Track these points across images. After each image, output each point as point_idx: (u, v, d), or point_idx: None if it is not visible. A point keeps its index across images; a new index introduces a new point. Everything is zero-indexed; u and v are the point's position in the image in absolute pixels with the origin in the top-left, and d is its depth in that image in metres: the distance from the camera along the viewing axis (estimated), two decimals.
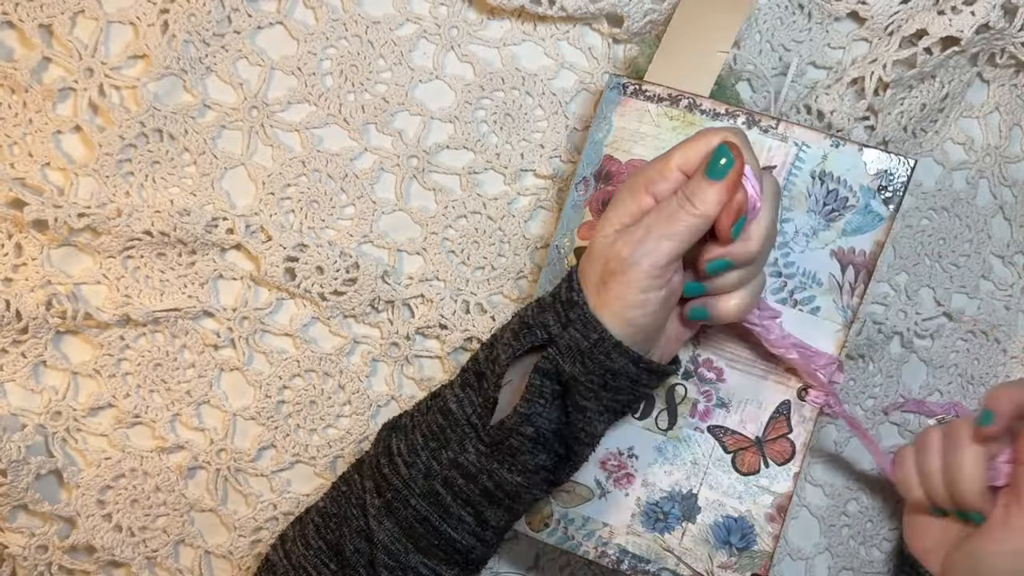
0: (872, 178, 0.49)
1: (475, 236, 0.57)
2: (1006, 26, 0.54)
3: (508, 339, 0.45)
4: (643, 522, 0.51)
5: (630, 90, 0.51)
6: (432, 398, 0.48)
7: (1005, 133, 0.60)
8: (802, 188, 0.49)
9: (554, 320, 0.44)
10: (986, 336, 0.62)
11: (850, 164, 0.49)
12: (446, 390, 0.47)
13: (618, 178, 0.51)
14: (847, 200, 0.49)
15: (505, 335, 0.46)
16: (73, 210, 0.52)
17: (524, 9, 0.54)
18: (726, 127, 0.45)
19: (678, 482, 0.51)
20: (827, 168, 0.49)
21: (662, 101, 0.51)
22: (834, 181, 0.49)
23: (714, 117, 0.50)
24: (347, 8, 0.54)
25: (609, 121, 0.52)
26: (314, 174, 0.55)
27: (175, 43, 0.52)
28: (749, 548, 0.50)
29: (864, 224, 0.49)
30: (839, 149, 0.49)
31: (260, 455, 0.57)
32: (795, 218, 0.50)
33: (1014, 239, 0.61)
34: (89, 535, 0.55)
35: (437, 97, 0.56)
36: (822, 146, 0.49)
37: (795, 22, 0.57)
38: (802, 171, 0.49)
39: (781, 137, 0.49)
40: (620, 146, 0.52)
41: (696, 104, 0.50)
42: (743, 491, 0.51)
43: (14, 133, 0.52)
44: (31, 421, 0.54)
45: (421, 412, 0.47)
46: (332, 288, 0.55)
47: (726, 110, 0.50)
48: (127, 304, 0.54)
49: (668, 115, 0.51)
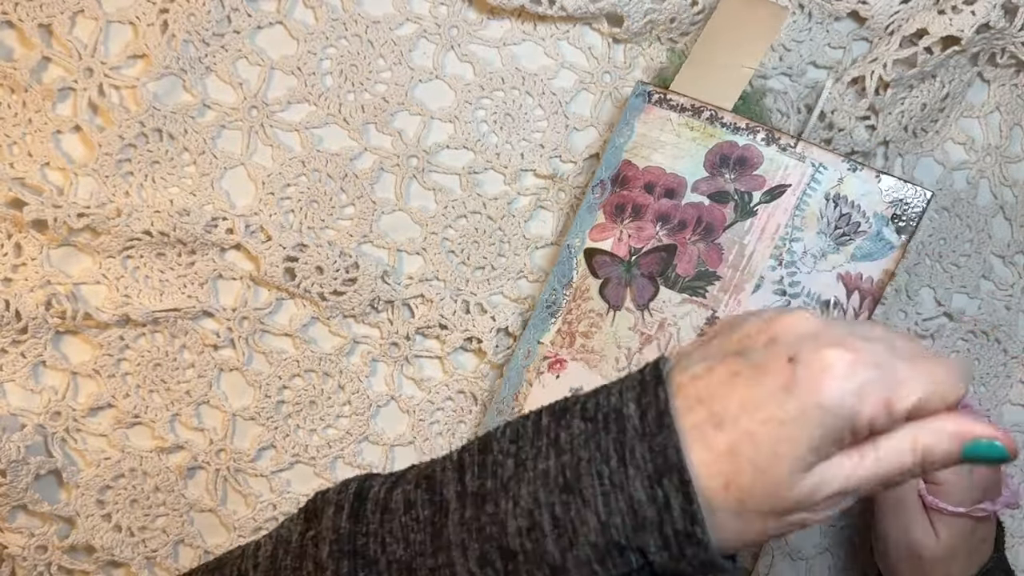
0: (887, 206, 0.48)
1: (475, 236, 0.57)
2: (1006, 26, 0.54)
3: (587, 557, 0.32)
4: None
5: (655, 98, 0.52)
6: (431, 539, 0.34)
7: (1006, 133, 0.60)
8: (815, 209, 0.49)
9: (657, 548, 0.32)
10: (986, 336, 0.62)
11: (866, 190, 0.49)
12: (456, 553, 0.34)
13: (634, 183, 0.52)
14: (859, 225, 0.49)
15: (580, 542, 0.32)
16: (73, 210, 0.52)
17: (524, 9, 0.54)
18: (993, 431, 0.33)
19: None
20: (842, 191, 0.49)
21: (684, 111, 0.51)
22: (848, 205, 0.49)
23: (734, 131, 0.50)
24: (347, 8, 0.54)
25: (632, 127, 0.52)
26: (314, 174, 0.55)
27: (175, 43, 0.52)
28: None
29: (874, 251, 0.49)
30: (856, 174, 0.49)
31: (260, 455, 0.57)
32: (805, 238, 0.49)
33: (1014, 239, 0.61)
34: (89, 535, 0.55)
35: (437, 97, 0.56)
36: (839, 169, 0.49)
37: (795, 22, 0.57)
38: (817, 192, 0.49)
39: (799, 156, 0.49)
40: (639, 152, 0.52)
41: (717, 117, 0.50)
42: None
43: (14, 133, 0.52)
44: (31, 421, 0.54)
45: (409, 550, 0.35)
46: (332, 288, 0.55)
47: (747, 125, 0.50)
48: (127, 304, 0.54)
49: (689, 125, 0.51)
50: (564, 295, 0.53)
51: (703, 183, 0.51)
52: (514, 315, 0.57)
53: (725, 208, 0.50)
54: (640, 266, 0.51)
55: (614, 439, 0.33)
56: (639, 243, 0.52)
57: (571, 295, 0.53)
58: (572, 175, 0.57)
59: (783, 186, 0.49)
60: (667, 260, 0.51)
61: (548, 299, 0.54)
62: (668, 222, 0.51)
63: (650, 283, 0.51)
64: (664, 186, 0.51)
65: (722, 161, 0.50)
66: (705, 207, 0.51)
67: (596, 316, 0.52)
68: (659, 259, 0.51)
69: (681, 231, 0.51)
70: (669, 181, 0.51)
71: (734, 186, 0.50)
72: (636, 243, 0.52)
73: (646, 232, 0.51)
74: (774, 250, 0.49)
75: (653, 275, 0.51)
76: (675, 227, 0.51)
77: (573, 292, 0.53)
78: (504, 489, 0.34)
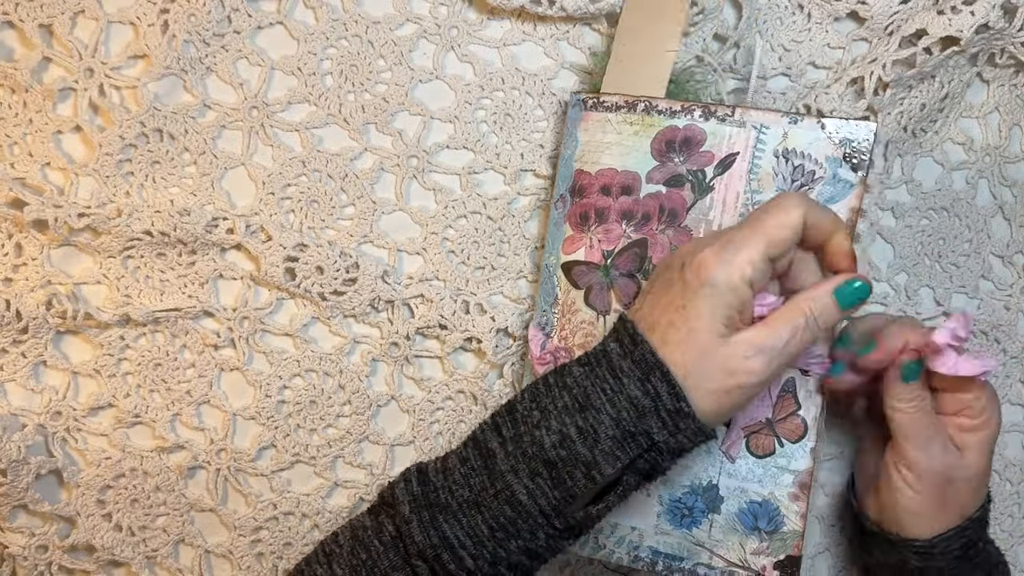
0: (836, 147, 0.49)
1: (475, 236, 0.57)
2: (1006, 26, 0.54)
3: (609, 448, 0.42)
4: (669, 520, 0.51)
5: (589, 104, 0.52)
6: (487, 476, 0.44)
7: (1005, 133, 0.60)
8: (768, 168, 0.50)
9: (658, 428, 0.42)
10: (986, 336, 0.62)
11: (812, 138, 0.49)
12: (510, 477, 0.43)
13: (590, 189, 0.52)
14: (814, 173, 0.49)
15: (601, 438, 0.43)
16: (73, 210, 0.52)
17: (524, 9, 0.54)
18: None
19: (696, 474, 0.51)
20: (789, 145, 0.49)
21: (620, 109, 0.52)
22: (798, 156, 0.49)
23: (671, 115, 0.51)
24: (347, 8, 0.54)
25: (575, 137, 0.53)
26: (314, 174, 0.55)
27: (175, 43, 0.52)
28: (778, 530, 0.50)
29: (836, 193, 0.49)
30: (798, 125, 0.49)
31: (260, 455, 0.57)
32: (765, 198, 0.49)
33: (1014, 239, 0.61)
34: (89, 535, 0.55)
35: (437, 97, 0.56)
36: (781, 124, 0.49)
37: (795, 22, 0.57)
38: (765, 152, 0.50)
39: (739, 123, 0.50)
40: (588, 159, 0.52)
41: (652, 106, 0.51)
42: (762, 474, 0.50)
43: (14, 133, 0.53)
44: (31, 421, 0.54)
45: (473, 490, 0.44)
46: (332, 288, 0.55)
47: (681, 106, 0.51)
48: (127, 304, 0.54)
49: (628, 121, 0.52)
50: (553, 313, 0.53)
51: (656, 172, 0.51)
52: (514, 315, 0.57)
53: (683, 191, 0.51)
54: (617, 267, 0.52)
55: (607, 366, 0.44)
56: (610, 245, 0.52)
57: (560, 311, 0.53)
58: None
59: (732, 155, 0.50)
60: (641, 255, 0.51)
61: (541, 321, 0.54)
62: (632, 218, 0.52)
63: (631, 280, 0.51)
64: (620, 185, 0.52)
65: (668, 147, 0.51)
66: (664, 195, 0.51)
67: (588, 325, 0.52)
68: (633, 256, 0.51)
69: (647, 223, 0.51)
70: (623, 179, 0.52)
71: (686, 167, 0.51)
72: (607, 246, 0.52)
73: (614, 233, 0.52)
74: (739, 218, 0.50)
75: (632, 272, 0.51)
76: (640, 221, 0.51)
77: (561, 308, 0.53)
78: (536, 427, 0.43)
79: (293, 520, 0.57)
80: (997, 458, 0.63)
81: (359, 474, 0.58)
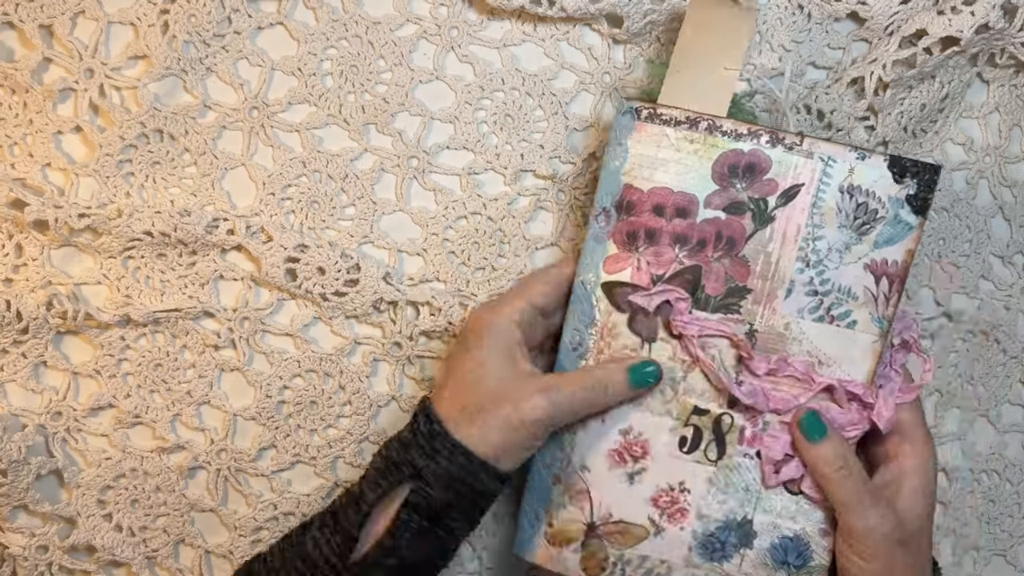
0: (900, 188, 0.48)
1: (475, 237, 0.57)
2: (1006, 26, 0.55)
3: (374, 477, 0.47)
4: (700, 554, 0.50)
5: (644, 115, 0.49)
6: (288, 542, 0.49)
7: (1005, 133, 0.60)
8: (832, 204, 0.48)
9: (419, 453, 0.47)
10: (986, 336, 0.62)
11: (877, 175, 0.48)
12: (304, 534, 0.48)
13: (641, 207, 0.49)
14: (877, 212, 0.48)
15: (369, 473, 0.48)
16: (74, 210, 0.52)
17: (524, 10, 0.54)
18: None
19: (732, 510, 0.50)
20: (855, 181, 0.48)
21: (680, 124, 0.49)
22: (863, 194, 0.48)
23: (736, 138, 0.49)
24: (347, 9, 0.54)
25: (625, 148, 0.49)
26: (314, 175, 0.55)
27: (175, 44, 0.52)
28: (806, 565, 0.50)
29: (895, 235, 0.48)
30: (865, 161, 0.48)
31: (260, 455, 0.57)
32: (827, 235, 0.49)
33: (1014, 239, 0.61)
34: (89, 535, 0.56)
35: (437, 97, 0.56)
36: (848, 159, 0.48)
37: (795, 22, 0.57)
38: (830, 186, 0.48)
39: (807, 154, 0.48)
40: (639, 174, 0.49)
41: (716, 126, 0.49)
42: (795, 510, 0.50)
43: (15, 134, 0.53)
44: (31, 421, 0.54)
45: (277, 556, 0.49)
46: (334, 289, 0.55)
47: (748, 130, 0.49)
48: (128, 304, 0.54)
49: (688, 139, 0.49)
50: (590, 335, 0.50)
51: (715, 197, 0.49)
52: None
53: (743, 219, 0.49)
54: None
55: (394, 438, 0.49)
56: (660, 269, 0.50)
57: (598, 334, 0.50)
58: (572, 176, 0.57)
59: (796, 186, 0.48)
60: (694, 282, 0.49)
61: (572, 340, 0.51)
62: (687, 243, 0.49)
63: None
64: (675, 206, 0.49)
65: (731, 171, 0.49)
66: (723, 221, 0.49)
67: (630, 352, 0.50)
68: (685, 282, 0.49)
69: (702, 250, 0.49)
70: (679, 200, 0.49)
71: (747, 194, 0.49)
72: (657, 270, 0.50)
73: (665, 256, 0.49)
74: (799, 252, 0.49)
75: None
76: (695, 247, 0.49)
77: (599, 331, 0.50)
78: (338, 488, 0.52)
79: (293, 521, 0.57)
80: (997, 458, 0.63)
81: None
